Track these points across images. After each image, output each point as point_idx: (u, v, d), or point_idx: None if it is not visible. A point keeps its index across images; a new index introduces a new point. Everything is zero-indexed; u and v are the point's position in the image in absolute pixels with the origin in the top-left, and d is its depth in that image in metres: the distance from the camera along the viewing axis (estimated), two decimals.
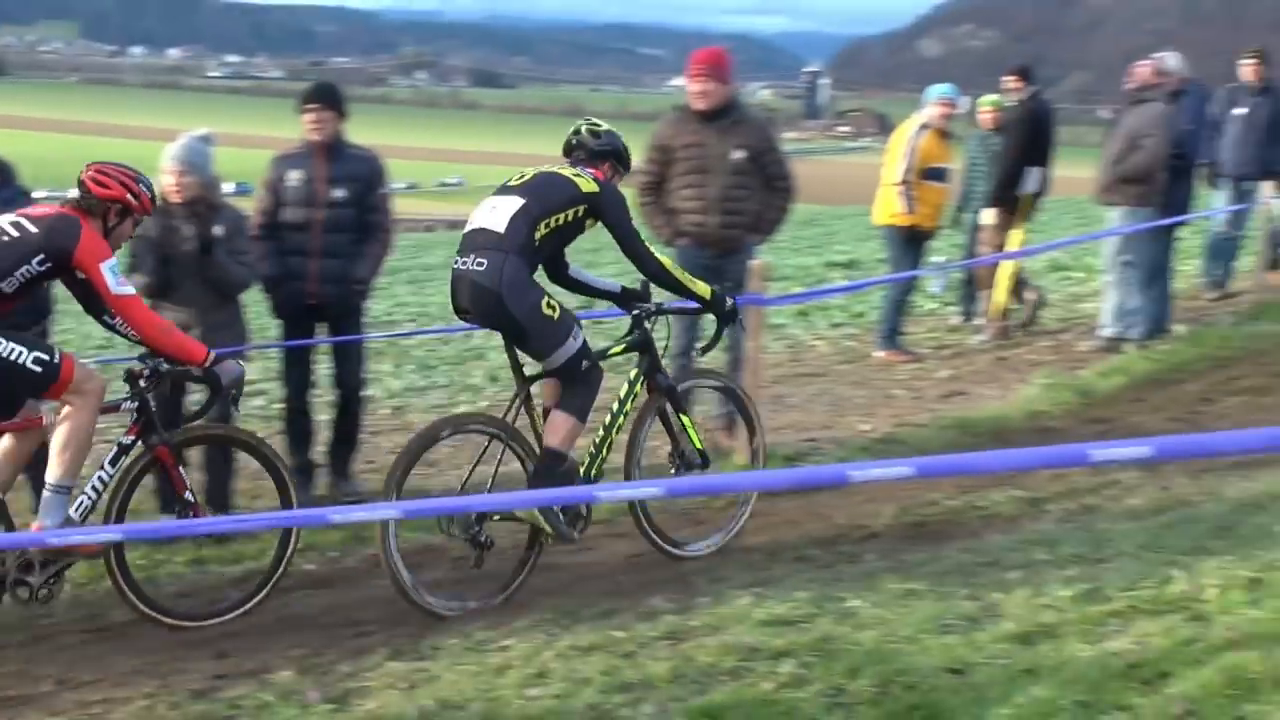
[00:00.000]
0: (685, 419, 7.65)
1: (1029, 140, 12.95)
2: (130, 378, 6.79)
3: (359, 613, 6.87)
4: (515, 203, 7.07)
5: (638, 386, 7.43)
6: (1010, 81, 13.28)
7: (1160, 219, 12.32)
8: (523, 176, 7.35)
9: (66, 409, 6.46)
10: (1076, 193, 19.87)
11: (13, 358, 6.20)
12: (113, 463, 6.73)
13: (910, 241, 11.54)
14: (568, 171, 7.36)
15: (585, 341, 7.15)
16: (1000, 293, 13.29)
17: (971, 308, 14.13)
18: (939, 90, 13.04)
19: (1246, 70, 15.08)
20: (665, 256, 7.73)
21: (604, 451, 7.37)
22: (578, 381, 7.12)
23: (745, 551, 7.66)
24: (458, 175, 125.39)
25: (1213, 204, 15.44)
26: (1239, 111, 14.83)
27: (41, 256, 6.30)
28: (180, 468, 6.96)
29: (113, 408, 6.77)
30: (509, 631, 6.18)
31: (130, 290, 6.49)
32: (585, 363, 7.10)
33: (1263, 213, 15.07)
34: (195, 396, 7.43)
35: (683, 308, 7.67)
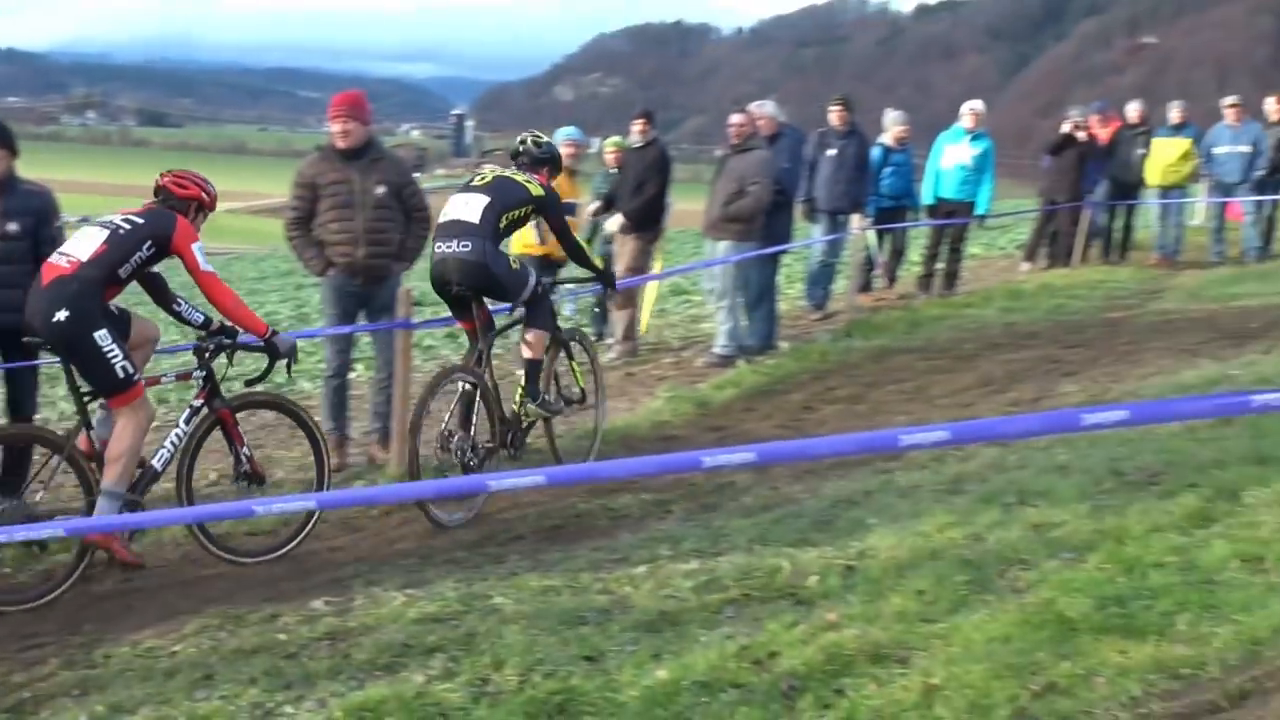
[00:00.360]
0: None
1: (665, 176, 14.01)
2: (198, 351, 7.98)
3: (32, 625, 6.81)
4: (483, 200, 8.93)
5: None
6: (638, 125, 14.19)
7: (764, 249, 13.20)
8: (484, 179, 9.21)
9: (120, 423, 7.45)
10: (691, 225, 20.72)
11: (110, 357, 7.24)
12: (186, 422, 7.91)
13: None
14: (520, 177, 9.28)
15: (535, 274, 9.44)
16: (645, 314, 14.41)
17: (603, 328, 14.76)
18: (565, 133, 13.73)
19: (834, 116, 16.33)
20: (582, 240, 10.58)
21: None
22: (537, 305, 9.29)
23: (400, 556, 7.87)
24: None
25: (811, 234, 16.49)
26: (830, 153, 16.12)
27: (149, 243, 7.50)
28: (238, 427, 8.20)
29: (185, 375, 8.18)
30: (178, 638, 6.32)
31: (213, 269, 7.60)
32: (539, 289, 9.24)
33: (854, 241, 16.19)
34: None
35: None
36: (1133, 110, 20.71)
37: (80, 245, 7.46)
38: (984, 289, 18.14)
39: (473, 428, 9.03)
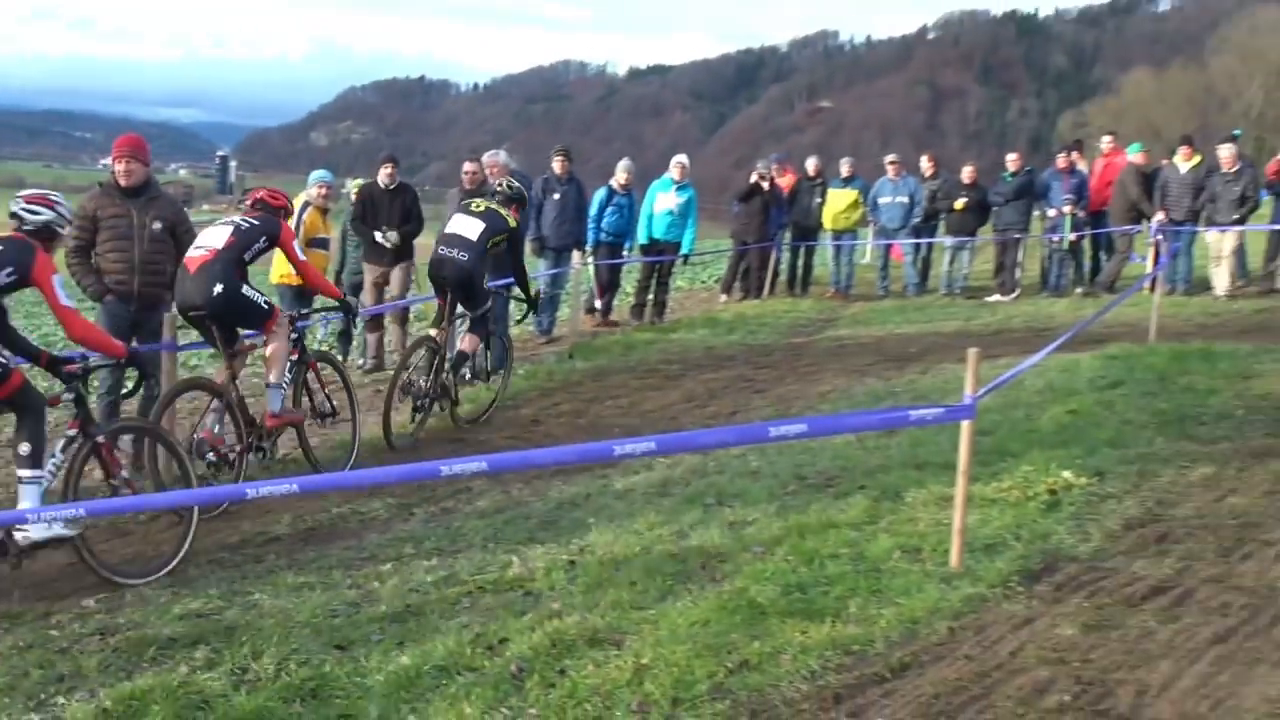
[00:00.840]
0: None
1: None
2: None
3: None
4: (479, 224, 10.87)
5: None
6: (386, 168, 14.29)
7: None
8: (480, 207, 11.10)
9: (272, 340, 9.09)
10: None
11: (256, 300, 8.83)
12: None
13: (299, 297, 11.84)
14: (504, 211, 11.14)
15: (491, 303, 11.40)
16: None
17: (349, 347, 14.66)
18: (318, 175, 13.64)
19: (557, 164, 16.61)
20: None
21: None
22: (485, 317, 11.34)
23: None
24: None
25: (538, 268, 16.61)
26: (554, 196, 16.32)
27: (265, 238, 9.03)
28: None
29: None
30: None
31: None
32: (488, 307, 11.30)
33: (575, 274, 16.36)
34: None
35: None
36: (810, 165, 21.48)
37: (211, 238, 8.84)
38: (688, 317, 18.53)
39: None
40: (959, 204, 19.86)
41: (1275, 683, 4.88)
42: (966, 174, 20.70)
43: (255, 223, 9.02)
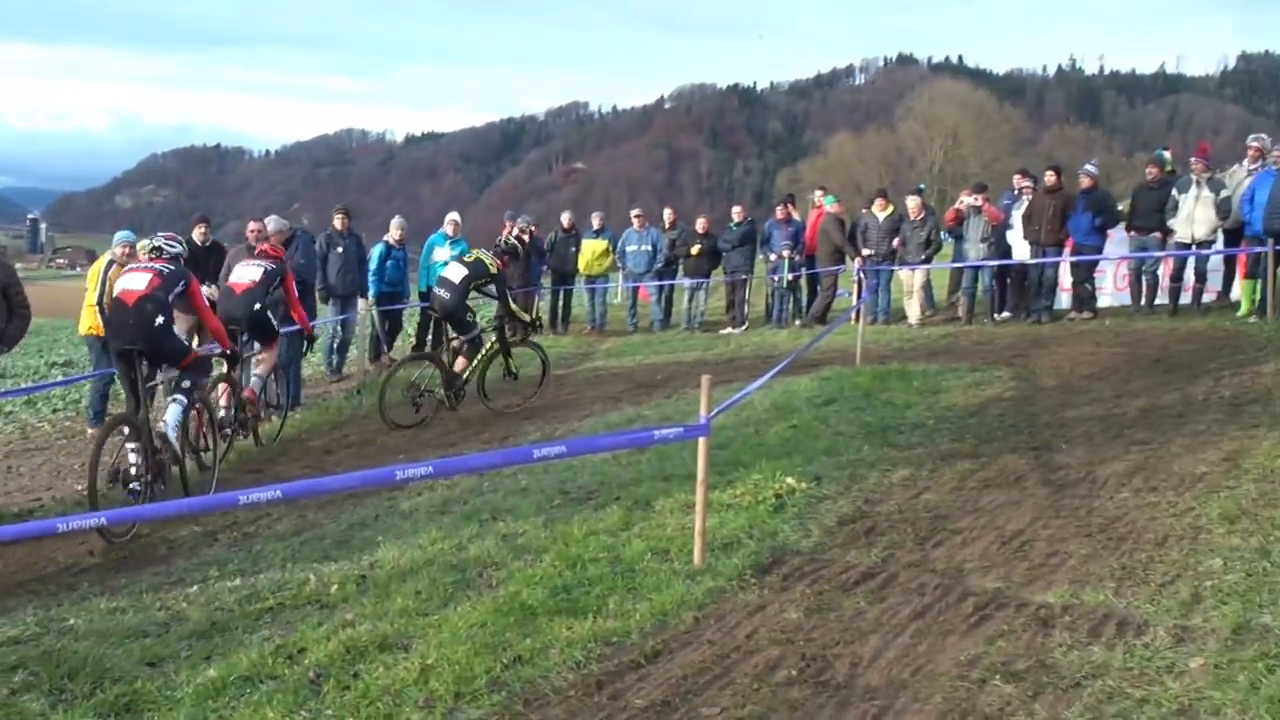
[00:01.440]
0: None
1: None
2: None
3: None
4: (463, 271, 12.61)
5: None
6: (200, 228, 14.47)
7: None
8: (470, 256, 13.02)
9: (268, 352, 11.50)
10: None
11: (271, 321, 11.27)
12: None
13: (106, 348, 11.52)
14: (487, 258, 12.91)
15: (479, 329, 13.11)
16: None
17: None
18: (121, 235, 13.20)
19: (338, 221, 16.66)
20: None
21: None
22: (470, 343, 12.83)
23: None
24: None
25: (326, 314, 16.33)
26: (338, 249, 16.22)
27: (279, 280, 11.45)
28: None
29: None
30: None
31: None
32: (474, 334, 12.90)
33: (361, 319, 16.15)
34: None
35: None
36: (565, 218, 21.73)
37: (247, 273, 11.32)
38: None
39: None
40: (695, 250, 20.29)
41: (964, 649, 5.08)
42: (700, 224, 21.20)
43: (271, 266, 11.36)
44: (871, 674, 4.92)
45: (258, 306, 10.97)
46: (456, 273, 12.59)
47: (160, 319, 8.85)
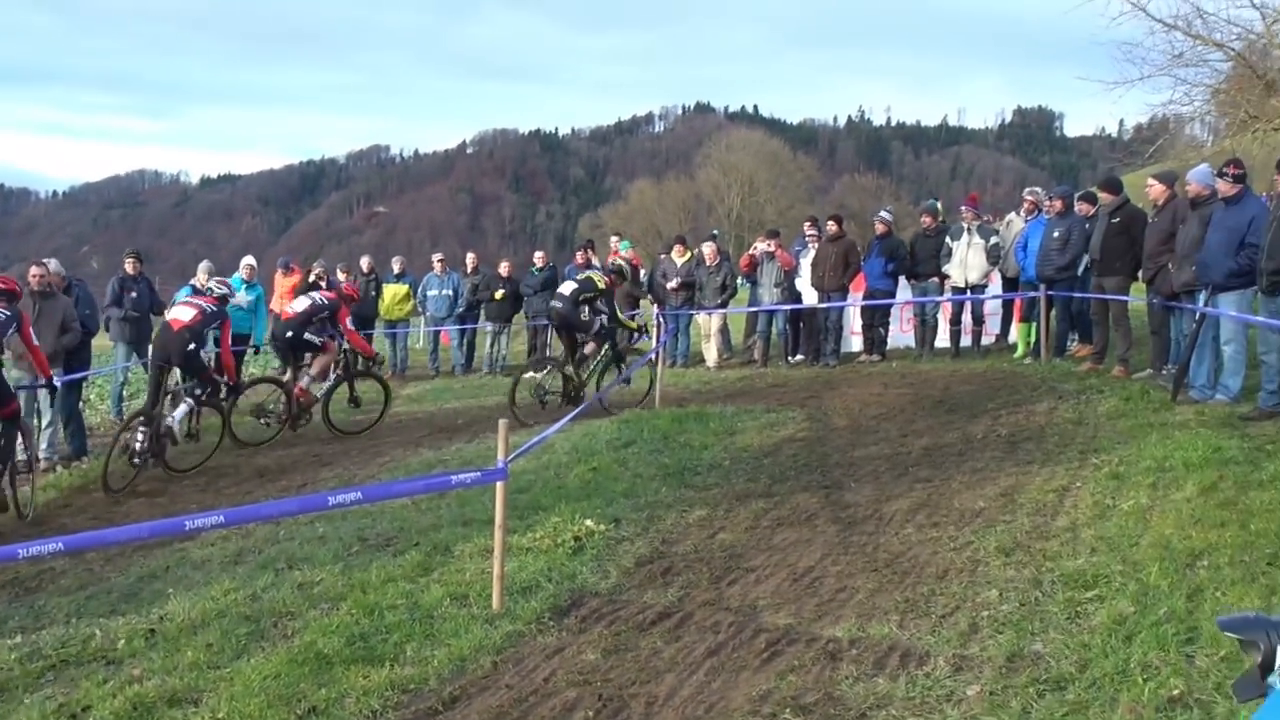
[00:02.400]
0: None
1: None
2: None
3: None
4: (574, 285, 14.25)
5: None
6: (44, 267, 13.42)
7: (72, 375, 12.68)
8: (583, 275, 14.68)
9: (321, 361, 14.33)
10: None
11: (311, 341, 14.14)
12: None
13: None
14: (597, 276, 14.52)
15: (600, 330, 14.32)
16: None
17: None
18: None
19: (129, 265, 16.08)
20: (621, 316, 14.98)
21: None
22: (601, 336, 14.41)
23: None
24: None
25: (117, 358, 15.77)
26: (133, 294, 15.76)
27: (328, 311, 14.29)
28: None
29: None
30: None
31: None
32: (596, 331, 14.28)
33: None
34: None
35: None
36: (364, 263, 21.51)
37: (297, 305, 14.40)
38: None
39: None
40: (498, 294, 20.30)
41: (756, 685, 5.21)
42: (503, 268, 21.22)
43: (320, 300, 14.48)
44: (666, 712, 5.00)
45: (296, 328, 14.02)
46: (568, 287, 14.28)
47: (192, 345, 12.15)
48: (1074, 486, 8.35)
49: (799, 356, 18.13)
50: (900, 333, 18.68)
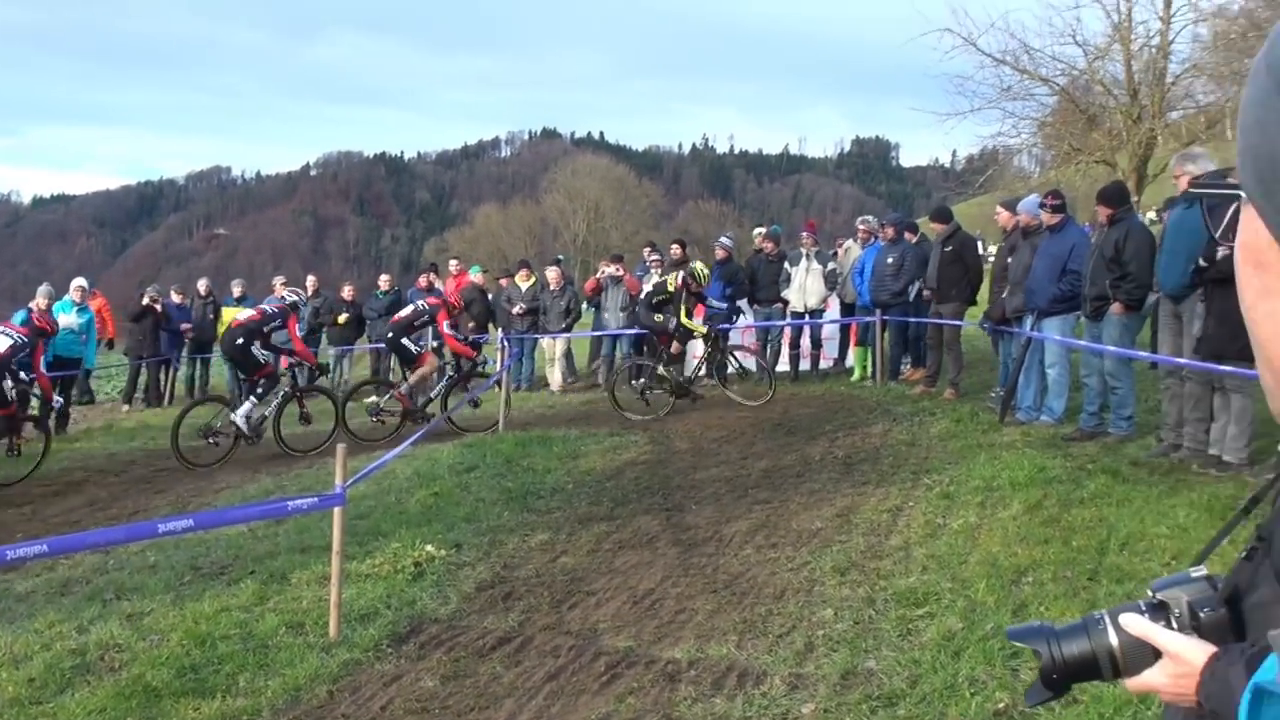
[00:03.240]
0: None
1: None
2: None
3: None
4: (648, 288, 15.13)
5: None
6: None
7: None
8: (664, 276, 15.44)
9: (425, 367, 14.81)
10: None
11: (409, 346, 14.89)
12: None
13: None
14: (670, 278, 15.07)
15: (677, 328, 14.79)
16: None
17: None
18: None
19: None
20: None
21: None
22: (671, 335, 14.86)
23: None
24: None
25: None
26: None
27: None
28: None
29: None
30: None
31: None
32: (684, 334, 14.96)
33: None
34: None
35: None
36: (201, 285, 21.01)
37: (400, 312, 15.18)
38: (91, 427, 17.29)
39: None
40: (341, 319, 20.00)
41: (595, 708, 5.20)
42: (347, 292, 20.92)
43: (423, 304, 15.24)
44: None
45: (395, 332, 14.68)
46: (648, 284, 15.44)
47: (242, 341, 13.26)
48: (907, 506, 8.55)
49: (642, 380, 18.24)
50: (742, 357, 18.93)
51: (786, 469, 10.50)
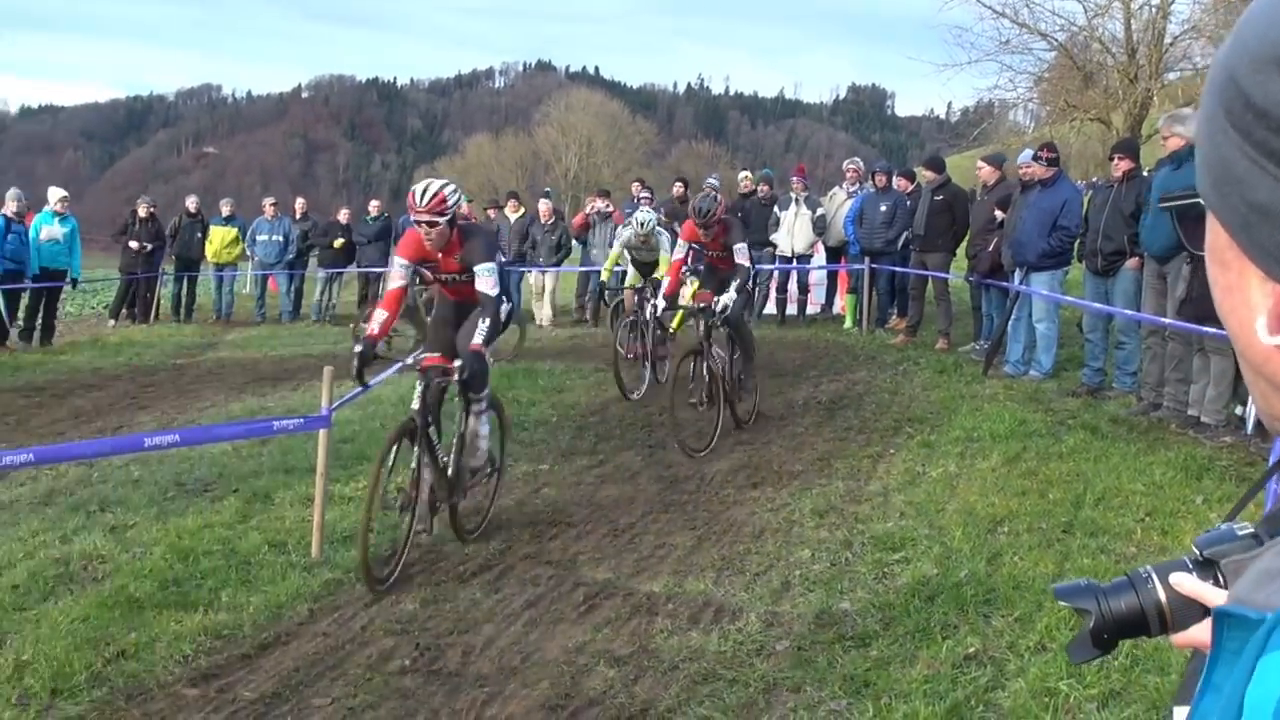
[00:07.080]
0: None
1: None
2: None
3: None
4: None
5: None
6: None
7: None
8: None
9: None
10: None
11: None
12: None
13: None
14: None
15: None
16: None
17: None
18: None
19: None
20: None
21: None
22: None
23: None
24: None
25: None
26: None
27: None
28: None
29: None
30: None
31: None
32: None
33: None
34: None
35: None
36: (190, 203, 20.89)
37: None
38: (76, 341, 17.24)
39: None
40: (338, 243, 19.93)
41: (573, 636, 5.26)
42: (342, 216, 20.83)
43: None
44: (483, 662, 5.01)
45: None
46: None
47: None
48: (887, 453, 8.62)
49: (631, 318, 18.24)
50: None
51: (770, 412, 10.55)
